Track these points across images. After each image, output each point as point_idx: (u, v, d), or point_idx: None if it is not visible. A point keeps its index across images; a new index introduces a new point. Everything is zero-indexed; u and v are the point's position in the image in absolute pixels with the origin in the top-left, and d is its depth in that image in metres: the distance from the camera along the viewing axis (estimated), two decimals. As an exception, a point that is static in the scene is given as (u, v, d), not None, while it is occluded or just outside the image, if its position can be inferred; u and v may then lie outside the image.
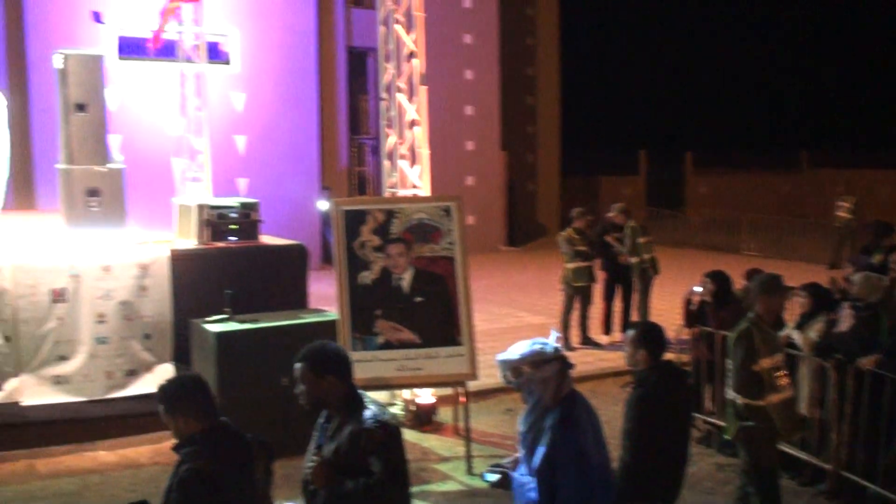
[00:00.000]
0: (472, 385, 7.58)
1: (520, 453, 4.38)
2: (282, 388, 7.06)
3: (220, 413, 3.77)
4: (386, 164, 8.80)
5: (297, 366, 3.85)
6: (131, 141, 14.38)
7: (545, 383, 4.25)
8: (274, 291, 8.28)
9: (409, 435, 7.93)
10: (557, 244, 11.37)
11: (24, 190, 13.66)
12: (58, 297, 7.62)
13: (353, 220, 7.45)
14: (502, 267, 17.99)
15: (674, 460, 4.66)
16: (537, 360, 4.27)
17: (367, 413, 3.78)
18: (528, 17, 23.64)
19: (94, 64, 9.05)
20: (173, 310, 7.94)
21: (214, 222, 8.50)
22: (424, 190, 8.50)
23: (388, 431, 3.78)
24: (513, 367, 4.32)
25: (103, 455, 7.51)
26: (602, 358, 10.46)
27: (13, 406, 7.48)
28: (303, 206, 16.67)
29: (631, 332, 4.83)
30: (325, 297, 9.12)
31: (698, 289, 8.12)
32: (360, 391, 3.91)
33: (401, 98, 8.65)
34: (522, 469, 4.31)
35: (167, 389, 3.72)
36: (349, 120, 18.62)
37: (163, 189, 13.32)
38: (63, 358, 7.62)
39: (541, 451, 4.17)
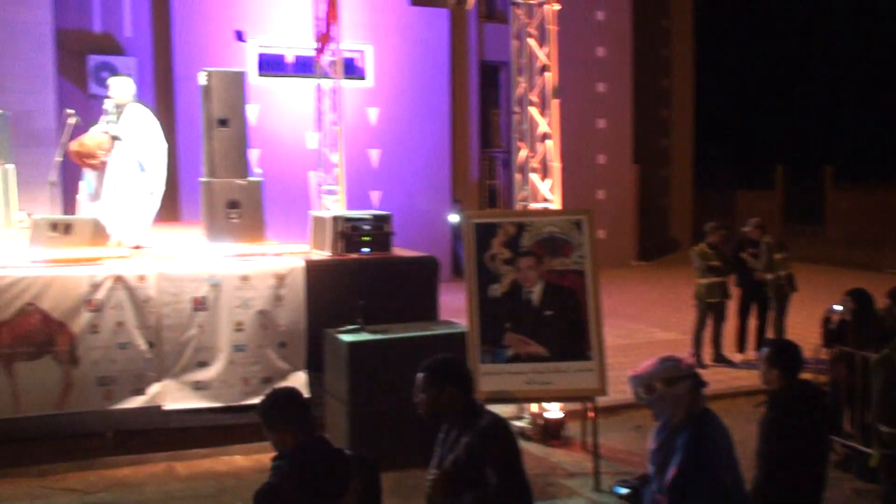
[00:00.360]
0: (602, 400, 7.51)
1: (650, 471, 4.32)
2: (412, 398, 7.16)
3: (315, 429, 3.84)
4: (517, 177, 8.82)
5: (419, 375, 3.91)
6: (269, 155, 14.81)
7: (677, 401, 4.18)
8: (405, 303, 8.38)
9: (536, 449, 7.92)
10: (690, 259, 11.18)
11: (168, 202, 14.20)
12: (199, 305, 7.89)
13: (484, 233, 7.50)
14: (633, 282, 17.78)
15: (809, 484, 4.52)
16: (670, 376, 4.21)
17: (483, 423, 3.81)
18: (663, 29, 23.34)
19: (236, 81, 9.38)
20: (307, 319, 8.12)
21: (348, 234, 8.67)
22: (555, 203, 8.48)
23: (503, 441, 3.79)
24: (645, 383, 4.28)
25: (239, 459, 7.75)
26: (735, 376, 10.21)
27: (155, 409, 7.79)
28: (434, 219, 16.84)
29: (765, 350, 4.72)
30: (455, 310, 9.18)
31: (838, 307, 7.85)
32: (478, 403, 3.93)
33: (533, 111, 8.66)
34: (653, 486, 4.25)
35: (263, 404, 3.82)
36: (480, 133, 18.73)
37: (299, 201, 13.70)
38: (203, 364, 7.89)
39: (672, 470, 4.11)
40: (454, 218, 16.67)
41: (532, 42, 8.67)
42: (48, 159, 10.35)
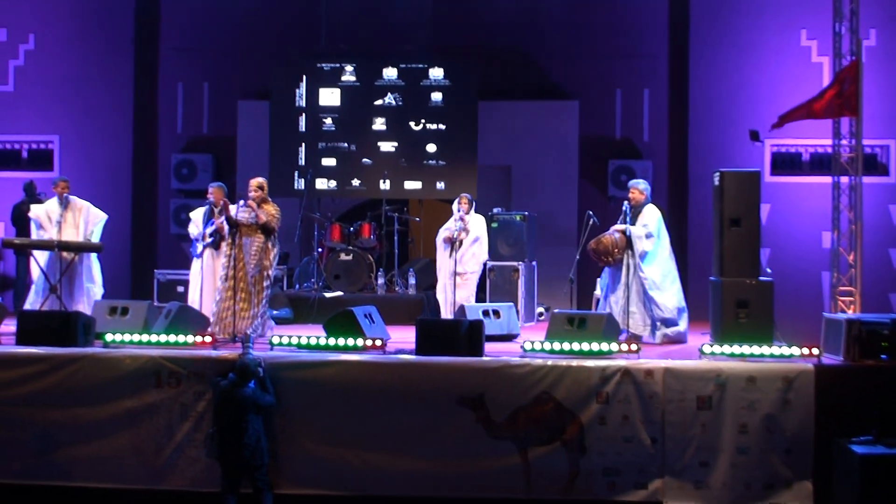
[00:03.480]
0: None
1: None
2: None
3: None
4: None
5: None
6: (781, 254, 14.47)
7: None
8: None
9: None
10: None
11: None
12: (703, 404, 7.92)
13: None
14: None
15: None
16: None
17: None
18: None
19: (750, 181, 9.45)
20: (816, 426, 7.79)
21: (864, 339, 8.21)
22: None
23: None
24: None
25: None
26: None
27: (656, 504, 7.92)
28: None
29: None
30: None
31: None
32: None
33: None
34: None
35: None
36: None
37: (810, 303, 13.20)
38: (704, 464, 7.86)
39: None
40: None
41: None
42: (567, 257, 11.09)
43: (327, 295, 12.30)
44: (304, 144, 13.84)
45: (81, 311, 9.74)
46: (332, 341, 8.62)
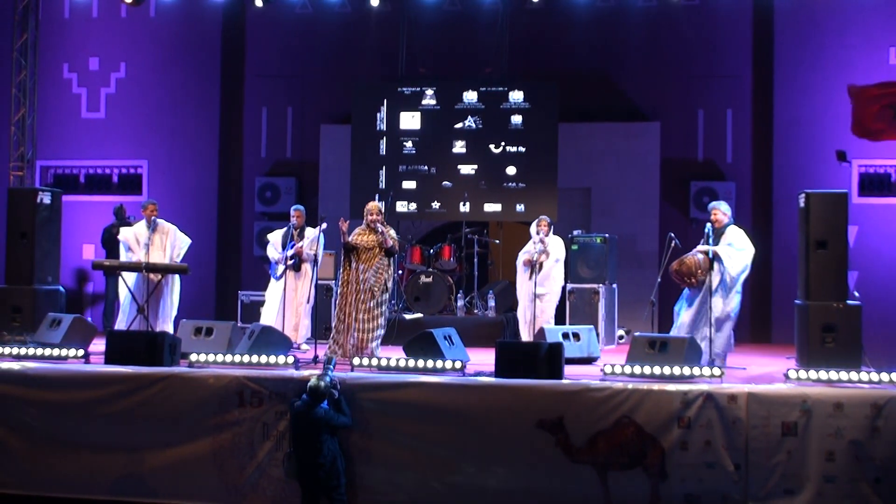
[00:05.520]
0: None
1: None
2: None
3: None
4: None
5: None
6: (869, 277, 14.14)
7: None
8: None
9: None
10: None
11: (760, 323, 14.20)
12: (788, 430, 7.75)
13: None
14: None
15: None
16: None
17: None
18: None
19: (837, 202, 9.29)
20: (906, 455, 7.58)
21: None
22: None
23: None
24: None
25: None
26: None
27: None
28: None
29: None
30: None
31: None
32: None
33: None
34: None
35: None
36: None
37: (900, 327, 12.88)
38: (789, 492, 7.68)
39: None
40: None
41: None
42: (648, 280, 11.00)
43: (407, 317, 12.37)
44: (384, 167, 13.98)
45: (167, 330, 9.95)
46: (411, 363, 8.67)
